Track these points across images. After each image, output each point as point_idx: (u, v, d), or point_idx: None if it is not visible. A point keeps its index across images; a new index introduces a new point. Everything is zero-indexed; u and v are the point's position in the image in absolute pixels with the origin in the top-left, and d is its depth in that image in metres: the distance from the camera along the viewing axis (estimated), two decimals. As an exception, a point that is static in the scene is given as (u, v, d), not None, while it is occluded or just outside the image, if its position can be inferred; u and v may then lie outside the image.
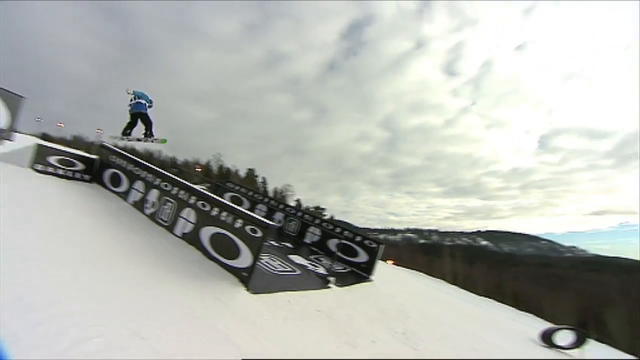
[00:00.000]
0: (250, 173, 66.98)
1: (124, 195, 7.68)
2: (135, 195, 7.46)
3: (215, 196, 6.35)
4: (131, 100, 9.36)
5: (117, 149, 8.73)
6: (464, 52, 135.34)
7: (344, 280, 7.64)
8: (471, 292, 27.96)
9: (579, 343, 11.12)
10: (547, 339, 10.96)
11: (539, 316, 24.42)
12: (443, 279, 32.89)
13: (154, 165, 7.72)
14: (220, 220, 5.72)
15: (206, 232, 5.80)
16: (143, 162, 7.80)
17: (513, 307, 27.50)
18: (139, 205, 7.22)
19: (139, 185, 7.51)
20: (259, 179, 66.98)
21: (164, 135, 9.56)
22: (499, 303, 26.95)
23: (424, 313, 8.11)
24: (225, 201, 6.23)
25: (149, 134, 9.44)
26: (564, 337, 11.21)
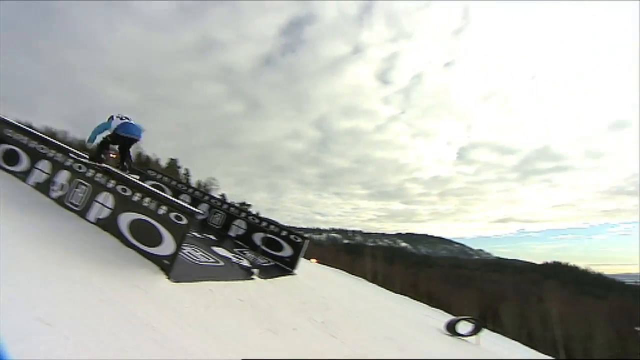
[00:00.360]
0: (173, 163, 62.56)
1: (23, 176, 6.74)
2: (38, 176, 6.60)
3: (138, 181, 5.95)
4: (118, 118, 6.52)
5: (14, 122, 7.61)
6: (397, 62, 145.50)
7: (268, 272, 7.68)
8: (389, 290, 29.97)
9: (476, 331, 12.92)
10: (450, 328, 12.52)
11: (447, 311, 27.14)
12: (364, 278, 34.74)
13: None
14: (142, 206, 5.38)
15: (125, 218, 5.39)
16: (53, 140, 6.94)
17: (426, 303, 30.33)
18: (44, 187, 6.41)
19: (43, 165, 6.66)
20: (182, 170, 62.93)
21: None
22: (414, 300, 29.40)
23: (344, 305, 8.53)
24: (148, 187, 5.88)
25: (126, 166, 6.64)
26: (464, 326, 12.90)
